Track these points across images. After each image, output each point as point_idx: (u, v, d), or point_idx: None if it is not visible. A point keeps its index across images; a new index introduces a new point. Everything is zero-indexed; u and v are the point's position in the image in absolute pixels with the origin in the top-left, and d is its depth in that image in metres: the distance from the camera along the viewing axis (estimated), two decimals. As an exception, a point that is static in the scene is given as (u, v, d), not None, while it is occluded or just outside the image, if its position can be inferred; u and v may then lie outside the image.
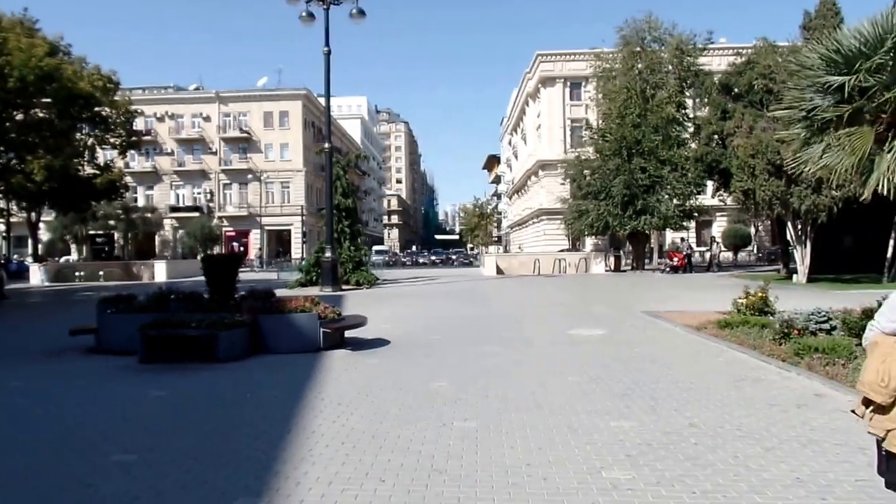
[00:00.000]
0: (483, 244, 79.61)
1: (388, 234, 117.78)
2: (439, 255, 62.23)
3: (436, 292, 20.49)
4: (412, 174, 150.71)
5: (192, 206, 58.05)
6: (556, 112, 50.47)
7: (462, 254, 65.49)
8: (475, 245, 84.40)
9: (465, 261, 53.61)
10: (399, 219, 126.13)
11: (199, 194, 58.83)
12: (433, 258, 58.41)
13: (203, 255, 18.51)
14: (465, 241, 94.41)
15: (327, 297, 14.87)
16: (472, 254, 65.60)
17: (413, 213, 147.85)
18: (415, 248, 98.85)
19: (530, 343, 9.34)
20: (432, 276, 31.30)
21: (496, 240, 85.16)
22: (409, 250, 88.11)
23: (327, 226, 21.25)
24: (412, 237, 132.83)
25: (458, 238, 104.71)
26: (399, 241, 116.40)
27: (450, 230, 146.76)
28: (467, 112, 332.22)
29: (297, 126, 58.71)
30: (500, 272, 31.13)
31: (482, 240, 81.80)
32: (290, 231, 57.75)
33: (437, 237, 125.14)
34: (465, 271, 37.02)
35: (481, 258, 41.42)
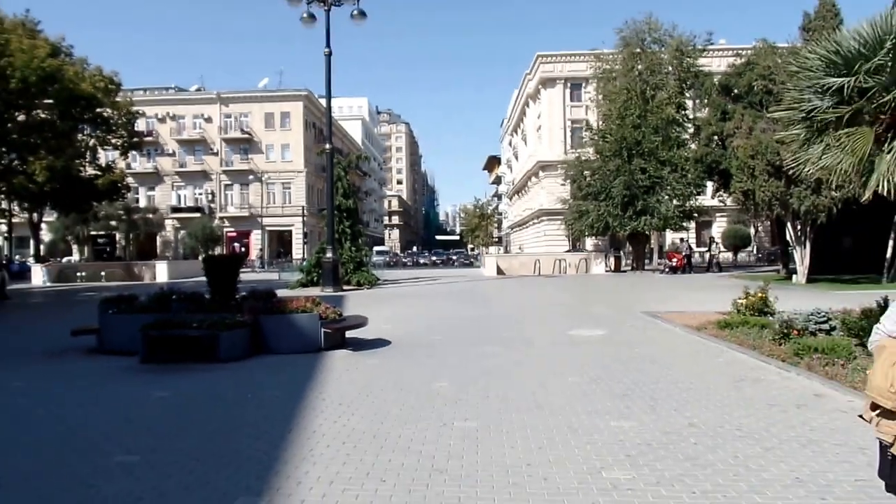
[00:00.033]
0: (483, 245, 79.51)
1: (389, 235, 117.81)
2: (440, 255, 62.27)
3: (436, 293, 20.51)
4: (413, 175, 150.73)
5: (194, 207, 58.14)
6: (557, 113, 50.48)
7: (462, 254, 65.49)
8: (476, 246, 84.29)
9: (466, 261, 53.59)
10: (400, 219, 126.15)
11: (201, 195, 58.89)
12: (434, 259, 58.44)
13: (204, 256, 18.56)
14: (465, 242, 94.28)
15: (328, 297, 14.88)
16: (473, 254, 65.55)
17: (414, 214, 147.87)
18: (415, 248, 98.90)
19: (531, 343, 9.35)
20: (433, 276, 31.31)
21: (497, 240, 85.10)
22: (410, 251, 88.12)
23: (328, 226, 21.27)
24: (413, 238, 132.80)
25: (458, 239, 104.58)
26: (400, 242, 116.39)
27: (450, 231, 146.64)
28: (468, 113, 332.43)
29: (298, 127, 58.78)
30: (500, 273, 31.14)
31: (483, 240, 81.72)
32: (291, 232, 57.78)
33: (438, 238, 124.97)
34: (466, 272, 37.02)
35: (482, 259, 41.42)
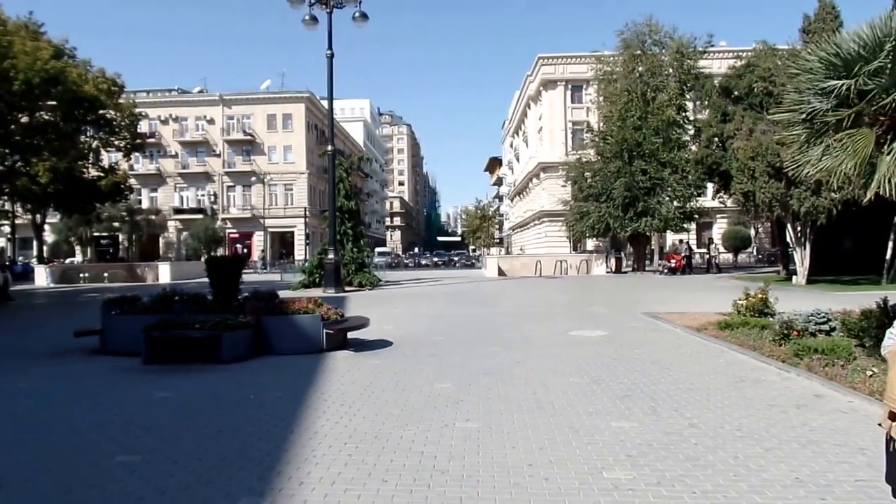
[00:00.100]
0: (485, 246, 79.48)
1: (391, 236, 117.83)
2: (441, 256, 62.31)
3: (438, 293, 20.53)
4: (414, 176, 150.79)
5: (196, 208, 58.23)
6: (558, 115, 50.50)
7: (464, 255, 65.45)
8: (477, 247, 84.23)
9: (467, 262, 53.59)
10: (401, 221, 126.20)
11: (203, 196, 58.99)
12: (435, 260, 58.48)
13: (207, 257, 18.58)
14: (466, 243, 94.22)
15: (330, 298, 14.89)
16: (474, 255, 65.53)
17: (415, 215, 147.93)
18: (417, 249, 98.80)
19: (532, 344, 9.37)
20: (434, 277, 31.35)
21: (498, 241, 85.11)
22: (412, 252, 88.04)
23: (330, 228, 21.31)
24: (414, 239, 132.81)
25: (460, 240, 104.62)
26: (401, 243, 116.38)
27: (452, 232, 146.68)
28: (469, 115, 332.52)
29: (300, 128, 58.88)
30: (501, 274, 31.16)
31: (484, 241, 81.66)
32: (293, 233, 57.86)
33: (440, 239, 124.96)
34: (467, 273, 37.05)
35: (483, 260, 41.45)
